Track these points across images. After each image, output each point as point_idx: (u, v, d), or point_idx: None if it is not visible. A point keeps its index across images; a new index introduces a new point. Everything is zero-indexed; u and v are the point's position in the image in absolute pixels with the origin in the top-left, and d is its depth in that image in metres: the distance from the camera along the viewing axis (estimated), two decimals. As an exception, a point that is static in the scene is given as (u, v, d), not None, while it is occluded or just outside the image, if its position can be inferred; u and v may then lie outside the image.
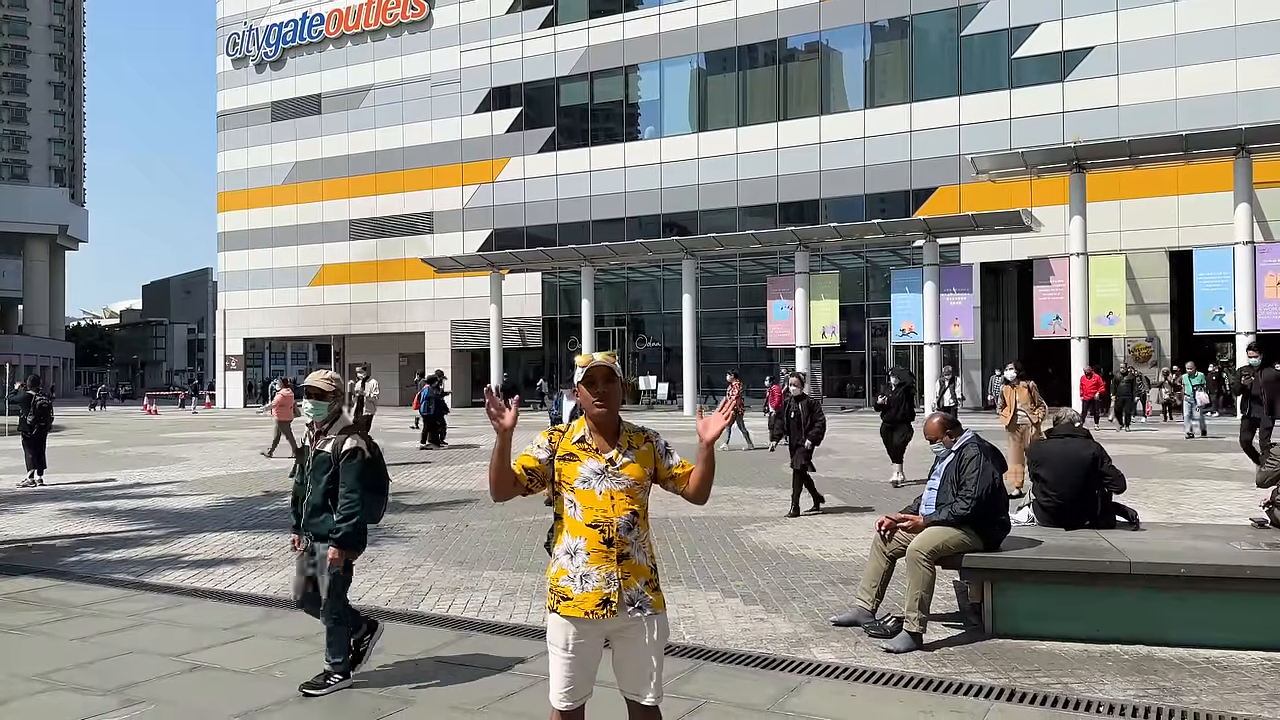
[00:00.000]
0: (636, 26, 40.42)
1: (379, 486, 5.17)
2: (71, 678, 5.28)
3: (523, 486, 3.28)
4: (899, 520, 6.18)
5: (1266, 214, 28.92)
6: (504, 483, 3.24)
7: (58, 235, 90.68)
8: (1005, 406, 12.80)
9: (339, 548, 4.92)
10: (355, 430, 5.13)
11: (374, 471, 5.11)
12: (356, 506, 4.95)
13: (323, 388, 5.13)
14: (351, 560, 5.08)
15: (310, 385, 5.15)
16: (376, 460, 5.15)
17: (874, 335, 36.57)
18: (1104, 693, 4.93)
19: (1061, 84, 32.58)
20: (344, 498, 4.96)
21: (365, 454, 5.04)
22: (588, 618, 3.15)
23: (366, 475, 5.04)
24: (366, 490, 5.03)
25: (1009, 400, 12.68)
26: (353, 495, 4.95)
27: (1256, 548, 6.20)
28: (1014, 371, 13.06)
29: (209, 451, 20.61)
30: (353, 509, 4.94)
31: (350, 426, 5.15)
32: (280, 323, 49.83)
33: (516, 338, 42.31)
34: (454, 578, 7.81)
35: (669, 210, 39.53)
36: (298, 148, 48.37)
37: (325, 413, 5.11)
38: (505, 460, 3.21)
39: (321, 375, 5.26)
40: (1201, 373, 22.51)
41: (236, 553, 9.04)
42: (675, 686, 4.85)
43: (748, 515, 10.84)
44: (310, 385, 5.15)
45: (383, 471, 5.22)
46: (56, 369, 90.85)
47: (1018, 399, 12.50)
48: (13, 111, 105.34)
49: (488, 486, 3.34)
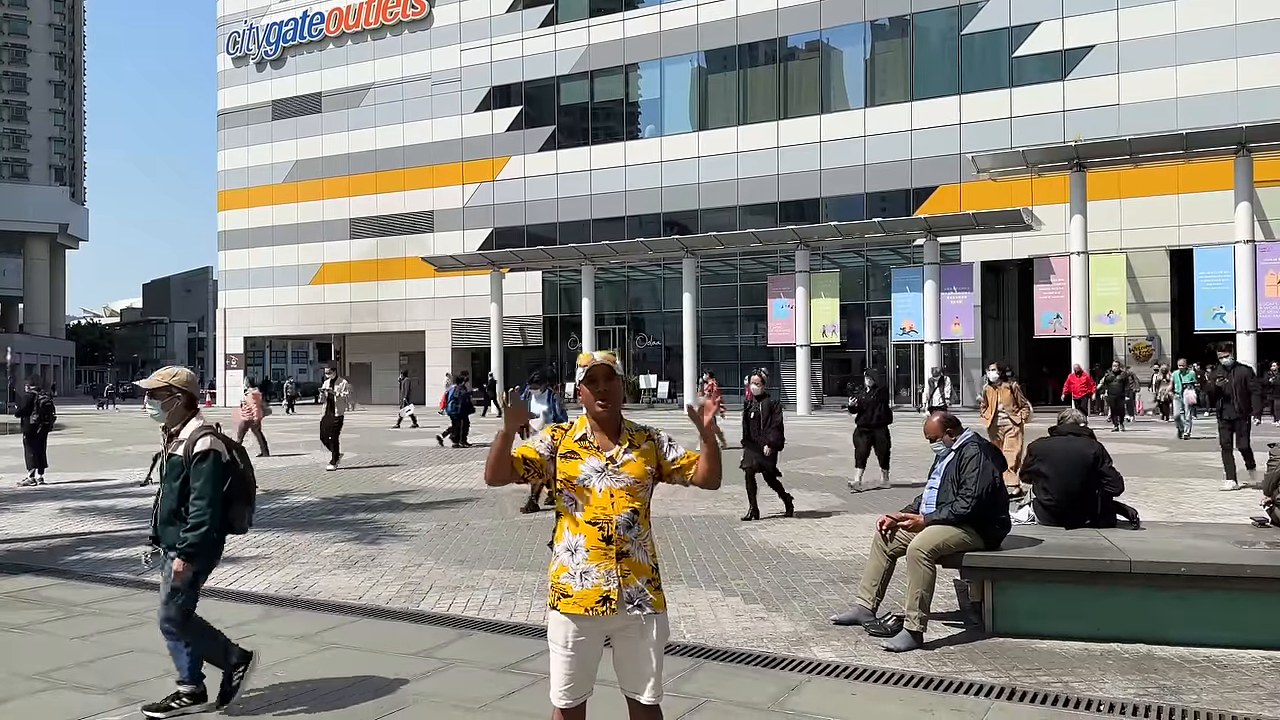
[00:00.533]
0: (637, 25, 40.41)
1: (243, 493, 4.69)
2: (72, 676, 5.28)
3: (518, 475, 3.31)
4: (899, 519, 6.18)
5: (1267, 213, 28.92)
6: (502, 467, 3.27)
7: (58, 234, 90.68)
8: (987, 407, 12.58)
9: (184, 560, 4.49)
10: (212, 431, 4.65)
11: (236, 476, 4.65)
12: (205, 515, 4.49)
13: (154, 385, 4.71)
14: (202, 574, 4.63)
15: (142, 385, 4.78)
16: (236, 463, 4.68)
17: (875, 334, 36.57)
18: (1104, 691, 4.93)
19: (1062, 83, 32.57)
20: (193, 505, 4.51)
21: (223, 456, 4.60)
22: (587, 614, 3.16)
23: (222, 480, 4.57)
24: (226, 497, 4.59)
25: (990, 401, 12.46)
26: (201, 503, 4.49)
27: (1257, 547, 6.20)
28: (996, 372, 12.78)
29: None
30: (201, 518, 4.48)
31: (208, 427, 4.67)
32: (281, 321, 49.86)
33: (517, 336, 42.32)
34: (455, 576, 7.81)
35: (669, 209, 39.53)
36: (298, 146, 48.38)
37: (163, 413, 4.72)
38: (509, 446, 3.26)
39: (160, 373, 4.81)
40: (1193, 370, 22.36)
41: (236, 552, 9.03)
42: (676, 685, 4.84)
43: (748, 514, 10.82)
44: (142, 385, 4.78)
45: (246, 476, 4.73)
46: (57, 368, 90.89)
47: (999, 400, 12.26)
48: (13, 110, 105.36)
49: (487, 486, 3.37)
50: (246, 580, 7.79)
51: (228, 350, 51.66)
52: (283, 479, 14.98)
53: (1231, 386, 12.51)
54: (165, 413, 4.72)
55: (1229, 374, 12.72)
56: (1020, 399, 12.24)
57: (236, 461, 4.69)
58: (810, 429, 24.63)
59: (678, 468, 3.33)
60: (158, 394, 4.71)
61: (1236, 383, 12.53)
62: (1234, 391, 12.48)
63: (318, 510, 11.68)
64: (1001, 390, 12.26)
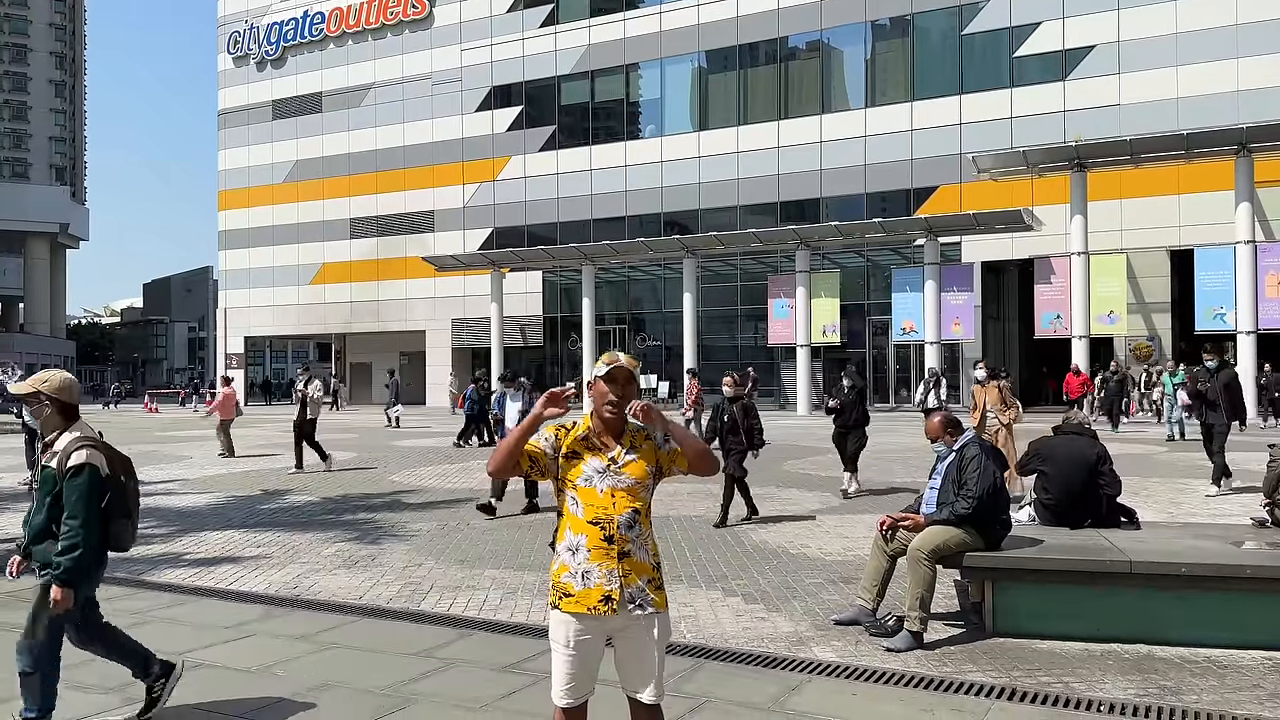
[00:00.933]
0: (637, 25, 40.41)
1: (123, 510, 4.29)
2: (73, 675, 5.27)
3: (521, 469, 3.32)
4: (900, 519, 6.19)
5: (1268, 213, 28.91)
6: (510, 460, 3.27)
7: (58, 233, 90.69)
8: (975, 407, 12.11)
9: (60, 586, 4.08)
10: (91, 442, 4.24)
11: (115, 491, 4.24)
12: (78, 537, 4.09)
13: (23, 392, 4.29)
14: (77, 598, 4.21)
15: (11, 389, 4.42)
16: (117, 478, 4.27)
17: (875, 334, 36.57)
18: (1105, 692, 4.94)
19: (1063, 83, 32.57)
20: (65, 524, 4.11)
21: (100, 470, 4.19)
22: (589, 614, 3.16)
23: (99, 497, 4.17)
24: (104, 514, 4.21)
25: (978, 401, 12.02)
26: (73, 523, 4.10)
27: (1257, 547, 6.20)
28: (984, 371, 12.34)
29: (210, 450, 20.60)
30: (73, 539, 4.09)
31: (87, 438, 4.25)
32: (281, 321, 49.87)
33: (517, 336, 42.33)
34: (455, 576, 7.82)
35: (670, 209, 39.53)
36: (298, 146, 48.39)
37: (35, 419, 4.39)
38: (524, 441, 3.25)
39: (33, 378, 4.40)
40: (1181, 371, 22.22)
41: (237, 551, 9.04)
42: (676, 685, 4.85)
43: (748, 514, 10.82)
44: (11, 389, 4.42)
45: (128, 490, 4.33)
46: (58, 367, 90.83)
47: (988, 399, 11.80)
48: (14, 110, 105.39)
49: (487, 485, 3.37)
50: (247, 580, 7.79)
51: (228, 350, 51.68)
52: (284, 478, 14.99)
53: (1215, 391, 11.80)
54: (31, 418, 4.36)
55: (1213, 378, 12.00)
56: (1009, 398, 11.83)
57: (118, 475, 4.29)
58: (810, 429, 24.62)
59: (672, 459, 3.34)
60: (28, 400, 4.32)
61: (1220, 387, 11.79)
62: (1217, 396, 11.76)
63: (318, 510, 11.68)
64: (990, 389, 11.85)
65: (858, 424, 12.35)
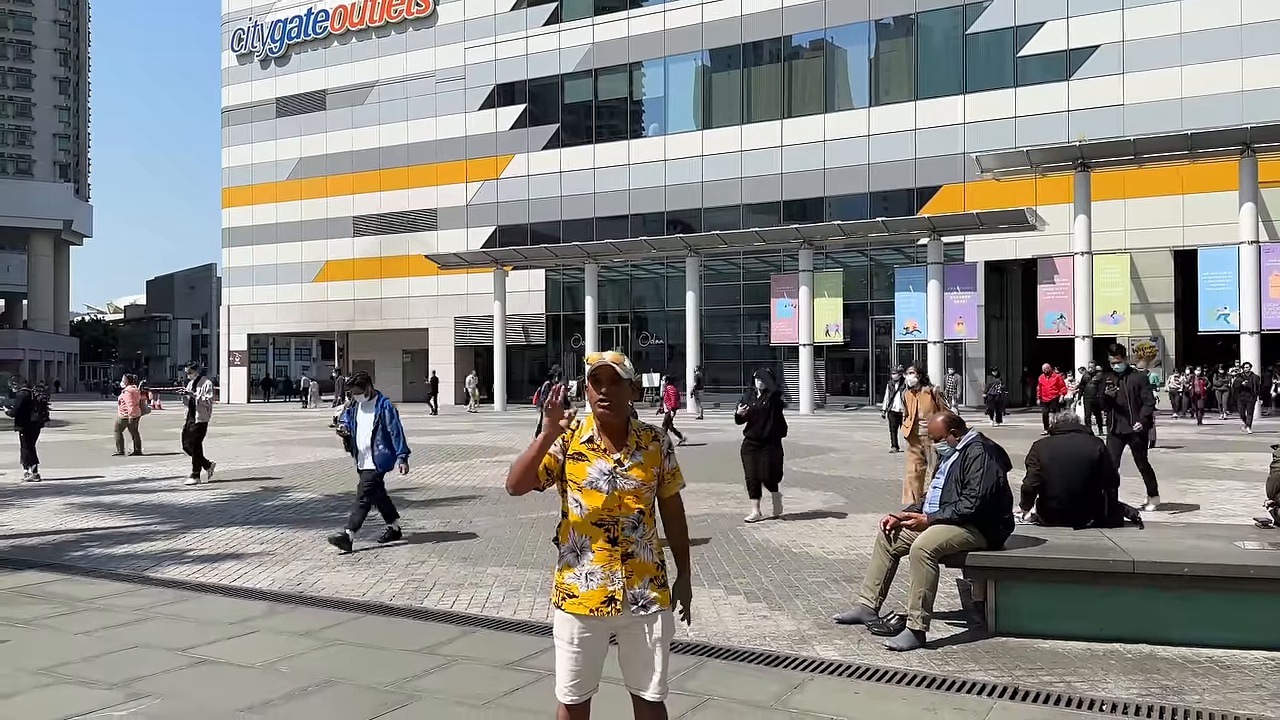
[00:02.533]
0: (641, 23, 40.39)
1: None
2: (77, 671, 5.30)
3: (540, 484, 3.30)
4: (903, 518, 6.19)
5: (1272, 213, 28.86)
6: (529, 476, 3.24)
7: (62, 230, 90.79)
8: (908, 415, 11.07)
9: None
10: None
11: None
12: None
13: None
14: None
15: None
16: None
17: (878, 334, 36.57)
18: (1107, 691, 4.94)
19: (1066, 82, 32.53)
20: None
21: None
22: (592, 615, 3.17)
23: None
24: None
25: (910, 409, 11.02)
26: None
27: (1260, 547, 6.20)
28: (914, 376, 11.38)
29: (213, 447, 20.62)
30: None
31: None
32: (284, 318, 49.92)
33: (520, 334, 42.35)
34: (458, 573, 7.82)
35: (673, 207, 39.52)
36: (302, 144, 48.42)
37: None
38: (543, 455, 3.22)
39: None
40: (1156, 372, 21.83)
41: (241, 548, 9.06)
42: (679, 683, 4.85)
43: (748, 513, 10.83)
44: None
45: None
46: (61, 364, 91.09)
47: (920, 407, 10.75)
48: (18, 107, 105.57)
49: (490, 483, 3.36)
50: (250, 576, 7.80)
51: (231, 347, 51.75)
52: (285, 476, 15.00)
53: (1125, 395, 10.74)
54: None
55: (1122, 381, 10.96)
56: (941, 404, 10.71)
57: None
58: (813, 428, 24.64)
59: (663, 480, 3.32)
60: None
61: (1130, 391, 10.72)
62: (1127, 401, 10.70)
63: (321, 507, 11.70)
64: (921, 396, 10.91)
65: (773, 436, 10.39)
